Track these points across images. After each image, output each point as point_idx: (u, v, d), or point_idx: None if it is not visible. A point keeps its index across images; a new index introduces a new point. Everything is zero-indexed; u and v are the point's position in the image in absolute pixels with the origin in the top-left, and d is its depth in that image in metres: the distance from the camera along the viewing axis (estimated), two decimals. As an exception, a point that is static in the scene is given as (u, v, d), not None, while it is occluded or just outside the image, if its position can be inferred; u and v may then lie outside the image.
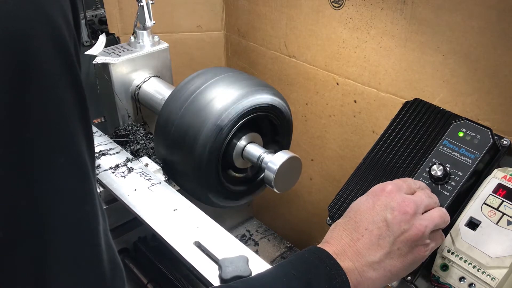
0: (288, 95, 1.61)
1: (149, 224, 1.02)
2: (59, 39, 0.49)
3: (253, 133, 1.21)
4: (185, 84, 1.21)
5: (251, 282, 0.65)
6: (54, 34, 0.48)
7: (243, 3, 1.67)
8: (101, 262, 0.53)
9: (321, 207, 1.74)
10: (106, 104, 1.49)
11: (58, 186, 0.50)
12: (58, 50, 0.49)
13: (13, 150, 0.47)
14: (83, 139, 0.52)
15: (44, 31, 0.47)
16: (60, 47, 0.49)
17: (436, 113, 0.96)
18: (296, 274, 0.63)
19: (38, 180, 0.48)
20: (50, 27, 0.48)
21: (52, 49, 0.48)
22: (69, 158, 0.50)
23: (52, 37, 0.48)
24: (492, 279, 0.77)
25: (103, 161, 1.23)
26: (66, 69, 0.50)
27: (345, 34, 1.39)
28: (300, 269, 0.64)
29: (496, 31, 1.07)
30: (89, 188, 0.52)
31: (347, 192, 0.99)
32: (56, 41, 0.49)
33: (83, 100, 0.52)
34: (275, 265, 0.67)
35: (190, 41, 1.79)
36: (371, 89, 1.38)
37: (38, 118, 0.48)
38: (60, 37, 0.49)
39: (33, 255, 0.49)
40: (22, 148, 0.47)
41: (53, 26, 0.48)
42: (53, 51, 0.49)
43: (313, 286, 0.62)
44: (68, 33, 0.50)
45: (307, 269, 0.64)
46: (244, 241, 1.97)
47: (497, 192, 0.82)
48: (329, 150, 1.60)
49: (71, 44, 0.51)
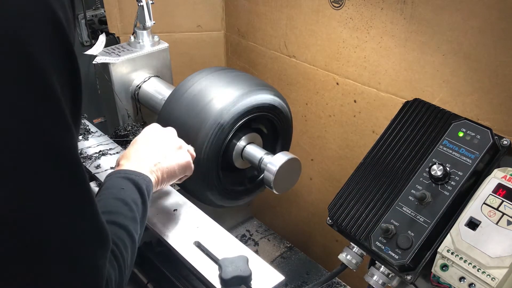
0: (288, 95, 1.61)
1: (149, 224, 1.02)
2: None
3: (253, 133, 1.20)
4: (185, 84, 1.21)
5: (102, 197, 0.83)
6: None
7: (243, 3, 1.67)
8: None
9: (321, 207, 1.74)
10: (106, 104, 1.49)
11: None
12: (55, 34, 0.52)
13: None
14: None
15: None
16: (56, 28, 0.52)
17: (436, 113, 0.96)
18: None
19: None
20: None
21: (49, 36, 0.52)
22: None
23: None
24: (492, 279, 0.77)
25: (103, 161, 1.23)
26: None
27: (345, 34, 1.39)
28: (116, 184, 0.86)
29: (496, 31, 1.07)
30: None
31: (347, 192, 0.99)
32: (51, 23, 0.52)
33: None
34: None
35: (190, 41, 1.79)
36: (371, 89, 1.38)
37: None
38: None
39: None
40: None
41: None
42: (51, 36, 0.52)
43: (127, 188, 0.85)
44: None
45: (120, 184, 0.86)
46: (244, 241, 1.97)
47: (497, 192, 0.82)
48: (329, 150, 1.60)
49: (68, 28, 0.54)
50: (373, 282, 0.95)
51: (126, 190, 0.84)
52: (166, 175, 0.95)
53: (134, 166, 0.91)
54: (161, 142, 0.98)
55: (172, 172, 0.96)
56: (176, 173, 0.98)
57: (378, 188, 0.96)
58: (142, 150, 0.95)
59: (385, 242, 0.89)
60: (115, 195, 0.82)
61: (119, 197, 0.81)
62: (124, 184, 0.85)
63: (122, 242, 0.73)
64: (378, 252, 0.90)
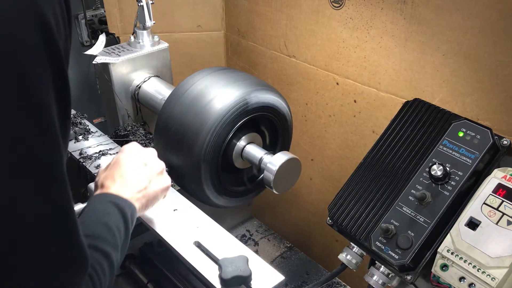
0: (288, 95, 1.61)
1: (149, 224, 1.02)
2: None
3: (252, 133, 1.20)
4: (185, 84, 1.21)
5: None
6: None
7: (243, 3, 1.67)
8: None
9: (321, 207, 1.74)
10: (106, 104, 1.49)
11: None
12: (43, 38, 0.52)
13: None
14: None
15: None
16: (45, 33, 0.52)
17: (436, 113, 0.96)
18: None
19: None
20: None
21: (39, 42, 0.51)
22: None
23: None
24: (492, 279, 0.77)
25: (103, 161, 1.23)
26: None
27: (345, 34, 1.39)
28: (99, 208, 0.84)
29: (496, 31, 1.07)
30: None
31: (347, 192, 0.99)
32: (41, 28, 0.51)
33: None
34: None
35: (190, 41, 1.79)
36: (371, 89, 1.38)
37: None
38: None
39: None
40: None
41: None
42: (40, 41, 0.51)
43: (111, 214, 0.83)
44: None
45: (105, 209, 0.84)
46: (244, 241, 1.97)
47: (497, 192, 0.82)
48: (329, 150, 1.60)
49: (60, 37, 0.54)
50: (373, 282, 0.95)
51: (111, 216, 0.82)
52: (150, 202, 0.95)
53: (120, 190, 0.89)
54: (144, 166, 0.96)
55: (155, 198, 0.96)
56: (159, 198, 0.97)
57: (378, 188, 0.96)
58: (126, 174, 0.92)
59: (385, 242, 0.90)
60: (99, 219, 0.80)
61: (104, 221, 0.79)
62: (110, 209, 0.83)
63: (101, 268, 0.71)
64: (378, 252, 0.90)
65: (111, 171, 0.93)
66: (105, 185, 0.90)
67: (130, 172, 0.93)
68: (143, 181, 0.93)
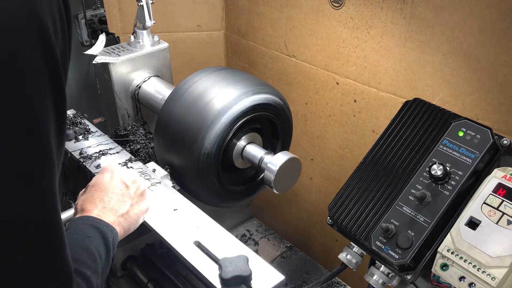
0: (288, 94, 1.61)
1: (149, 224, 1.02)
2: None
3: (253, 133, 1.21)
4: (185, 83, 1.21)
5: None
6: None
7: (243, 3, 1.67)
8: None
9: (321, 207, 1.74)
10: (106, 104, 1.49)
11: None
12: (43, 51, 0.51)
13: None
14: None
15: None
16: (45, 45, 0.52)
17: (436, 112, 0.96)
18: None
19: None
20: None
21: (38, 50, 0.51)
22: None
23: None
24: (492, 278, 0.77)
25: (103, 161, 1.23)
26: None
27: (345, 34, 1.39)
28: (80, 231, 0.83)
29: (496, 30, 1.07)
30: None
31: (347, 192, 0.99)
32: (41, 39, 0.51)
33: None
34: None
35: (190, 41, 1.79)
36: (371, 89, 1.38)
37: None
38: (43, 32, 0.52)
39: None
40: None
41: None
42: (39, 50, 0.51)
43: (93, 240, 0.82)
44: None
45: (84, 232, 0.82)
46: (244, 240, 1.97)
47: (497, 192, 0.82)
48: (329, 150, 1.60)
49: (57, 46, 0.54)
50: (373, 282, 0.95)
51: (92, 240, 0.80)
52: (132, 226, 0.93)
53: (101, 214, 0.87)
54: (125, 188, 0.94)
55: (136, 222, 0.95)
56: (139, 222, 0.97)
57: (378, 188, 0.96)
58: (107, 197, 0.91)
59: (385, 242, 0.89)
60: (80, 242, 0.78)
61: (85, 245, 0.78)
62: (91, 233, 0.82)
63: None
64: (378, 251, 0.90)
65: (90, 193, 0.92)
66: (85, 209, 0.88)
67: (110, 195, 0.91)
68: (125, 205, 0.92)
